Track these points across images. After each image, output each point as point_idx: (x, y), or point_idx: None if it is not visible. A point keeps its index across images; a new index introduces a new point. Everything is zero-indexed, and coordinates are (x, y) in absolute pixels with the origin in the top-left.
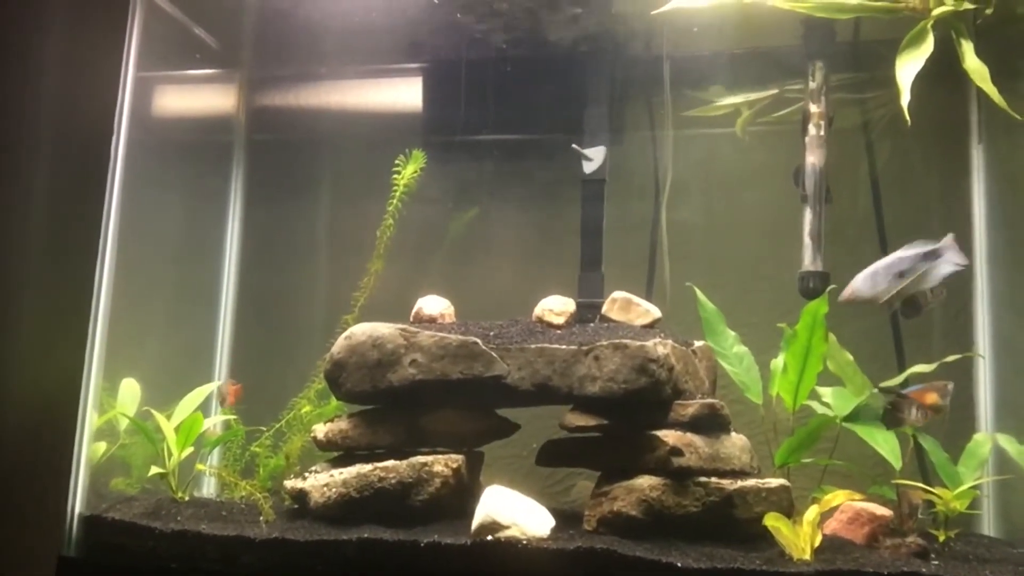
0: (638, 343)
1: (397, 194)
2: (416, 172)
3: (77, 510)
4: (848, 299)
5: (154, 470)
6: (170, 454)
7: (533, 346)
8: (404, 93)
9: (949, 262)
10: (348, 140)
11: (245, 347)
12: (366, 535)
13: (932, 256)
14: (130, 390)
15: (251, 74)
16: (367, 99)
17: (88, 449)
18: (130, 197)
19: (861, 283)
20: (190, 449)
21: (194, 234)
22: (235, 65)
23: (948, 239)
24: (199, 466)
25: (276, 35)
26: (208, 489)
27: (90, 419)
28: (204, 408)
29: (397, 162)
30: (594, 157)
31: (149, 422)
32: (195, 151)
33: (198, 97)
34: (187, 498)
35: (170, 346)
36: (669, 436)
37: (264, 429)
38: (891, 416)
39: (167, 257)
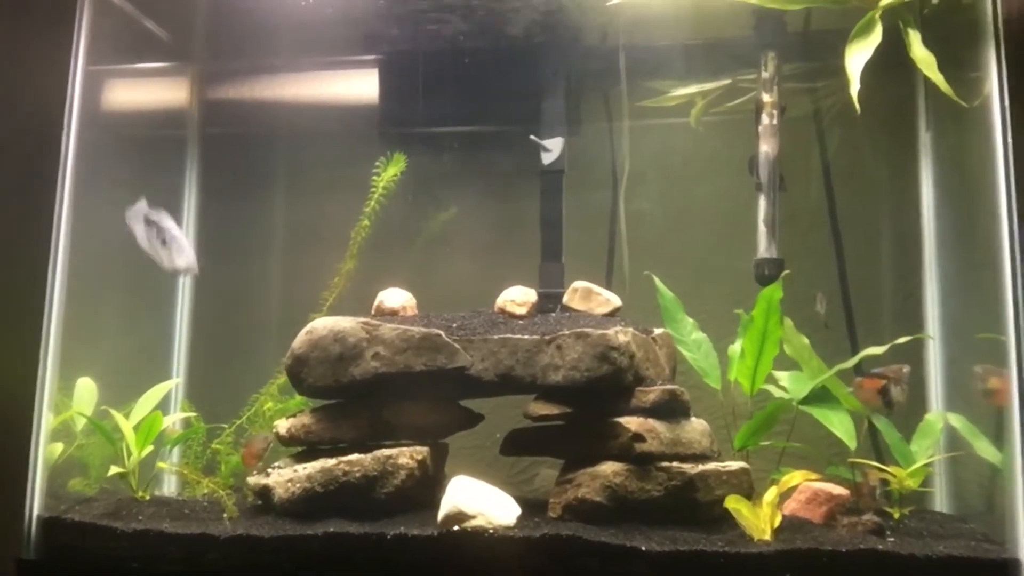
0: (599, 331)
1: (375, 195)
2: (396, 175)
3: (35, 512)
4: None
5: (114, 470)
6: (129, 453)
7: (496, 337)
8: (360, 85)
9: None
10: (304, 133)
11: (203, 344)
12: (332, 529)
13: None
14: (86, 389)
15: (204, 67)
16: (323, 92)
17: (44, 450)
18: (82, 194)
19: None
20: (150, 448)
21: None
22: (187, 58)
23: None
24: (160, 464)
25: (229, 27)
26: (169, 488)
27: (46, 420)
28: (162, 406)
29: (377, 164)
30: (552, 148)
31: (106, 421)
32: (148, 146)
33: (150, 91)
34: (148, 497)
35: (126, 344)
36: (631, 422)
37: (225, 426)
38: (886, 401)
39: (121, 254)
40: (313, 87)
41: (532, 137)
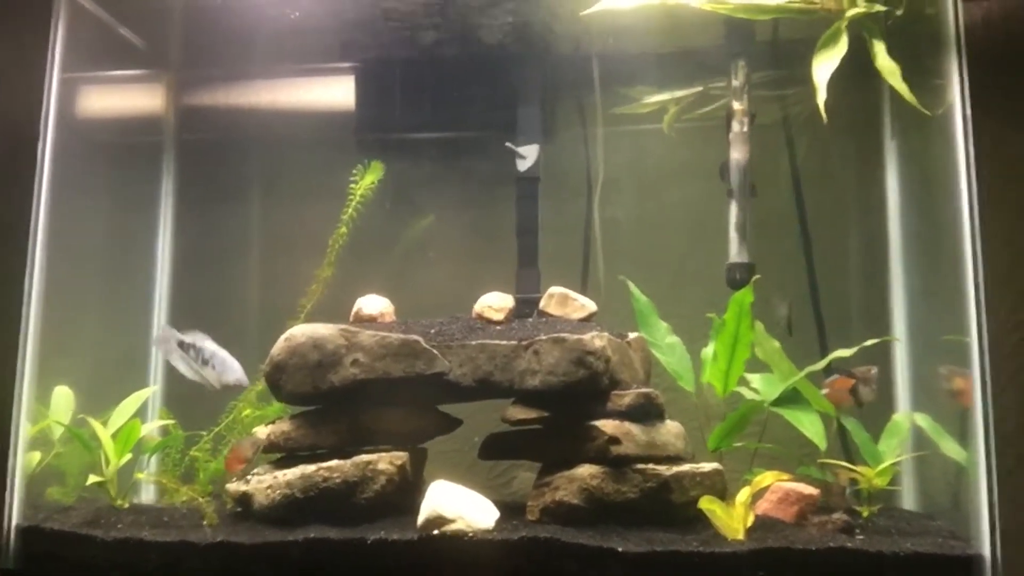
0: (576, 336)
1: (352, 203)
2: (373, 183)
3: (14, 521)
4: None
5: (92, 478)
6: (108, 461)
7: (474, 342)
8: (337, 93)
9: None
10: (281, 140)
11: None
12: (312, 535)
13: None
14: (63, 398)
15: (180, 74)
16: (300, 99)
17: (22, 459)
18: (58, 202)
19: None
20: (128, 456)
21: (125, 237)
22: (163, 65)
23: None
24: (138, 474)
25: (205, 35)
26: (147, 496)
27: (23, 429)
28: (140, 414)
29: (354, 172)
30: (528, 155)
31: (84, 430)
32: (124, 154)
33: (126, 98)
34: (127, 505)
35: (103, 353)
36: (607, 425)
37: (203, 433)
38: (856, 400)
39: (98, 262)
40: (290, 94)
41: (508, 144)
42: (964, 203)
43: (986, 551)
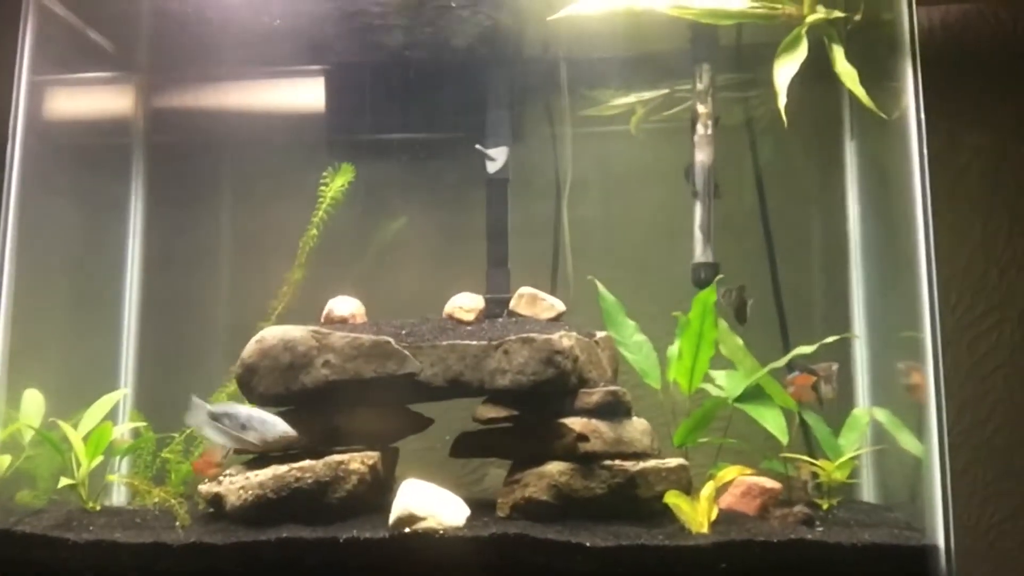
0: (544, 336)
1: (323, 206)
2: (344, 185)
3: None
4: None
5: (64, 481)
6: (79, 464)
7: (445, 343)
8: (307, 95)
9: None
10: (252, 142)
11: (151, 353)
12: (285, 535)
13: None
14: (33, 401)
15: (150, 77)
16: (270, 101)
17: None
18: (27, 204)
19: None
20: (100, 458)
21: (95, 240)
22: (132, 68)
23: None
24: (110, 476)
25: (174, 37)
26: (119, 498)
27: None
28: (111, 416)
29: (325, 174)
30: (497, 157)
31: (55, 432)
32: (93, 156)
33: (95, 101)
34: (98, 508)
35: (73, 355)
36: (576, 423)
37: (175, 435)
38: (817, 395)
39: (67, 265)
40: (260, 96)
41: (477, 146)
42: (919, 202)
43: (940, 542)
